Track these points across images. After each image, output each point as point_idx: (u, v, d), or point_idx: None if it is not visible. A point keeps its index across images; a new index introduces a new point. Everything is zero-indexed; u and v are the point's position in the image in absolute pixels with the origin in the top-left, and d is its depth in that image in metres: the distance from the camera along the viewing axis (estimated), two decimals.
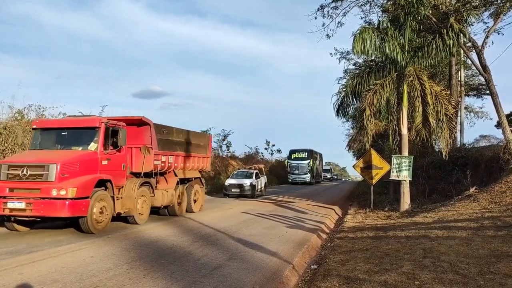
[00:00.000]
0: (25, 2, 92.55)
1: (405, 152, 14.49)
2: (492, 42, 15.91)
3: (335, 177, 74.39)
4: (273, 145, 49.52)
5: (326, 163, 65.32)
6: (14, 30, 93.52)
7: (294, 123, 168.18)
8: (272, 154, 48.95)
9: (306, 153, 41.67)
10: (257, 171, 24.79)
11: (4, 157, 13.45)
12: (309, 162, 40.97)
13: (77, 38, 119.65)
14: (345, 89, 16.08)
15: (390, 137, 22.86)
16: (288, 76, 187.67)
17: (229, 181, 23.21)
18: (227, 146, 35.47)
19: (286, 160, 43.22)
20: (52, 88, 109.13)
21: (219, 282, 5.90)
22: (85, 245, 8.46)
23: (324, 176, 57.78)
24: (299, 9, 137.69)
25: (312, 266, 7.42)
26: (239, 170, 26.57)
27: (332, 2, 17.15)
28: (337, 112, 16.37)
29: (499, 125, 16.66)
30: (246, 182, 22.65)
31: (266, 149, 48.47)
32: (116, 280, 5.89)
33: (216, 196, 23.07)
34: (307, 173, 40.67)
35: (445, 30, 13.35)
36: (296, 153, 42.02)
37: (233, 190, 22.40)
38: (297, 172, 40.91)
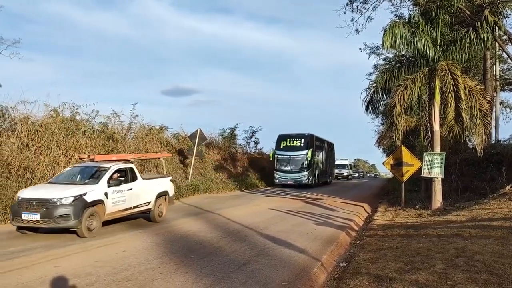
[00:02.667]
0: (57, 3, 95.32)
1: (437, 148, 14.16)
2: None
3: (360, 174, 65.38)
4: None
5: (353, 161, 57.22)
6: (47, 30, 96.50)
7: (320, 119, 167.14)
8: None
9: (302, 140, 29.10)
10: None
11: (40, 153, 13.92)
12: (307, 154, 28.50)
13: (106, 37, 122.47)
14: (375, 84, 15.81)
15: (422, 134, 22.37)
16: (313, 72, 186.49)
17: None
18: (255, 143, 35.46)
19: (272, 151, 30.64)
20: (82, 86, 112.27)
21: (247, 278, 5.94)
22: (117, 239, 8.69)
23: (338, 173, 47.72)
24: (324, 4, 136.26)
25: (341, 264, 7.37)
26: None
27: None
28: (367, 108, 16.12)
29: None
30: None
31: None
32: (147, 274, 6.02)
33: (247, 192, 23.21)
34: (303, 170, 28.41)
35: (479, 23, 12.92)
36: (288, 140, 29.34)
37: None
38: (288, 168, 28.70)
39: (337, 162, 47.08)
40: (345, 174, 50.06)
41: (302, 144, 29.01)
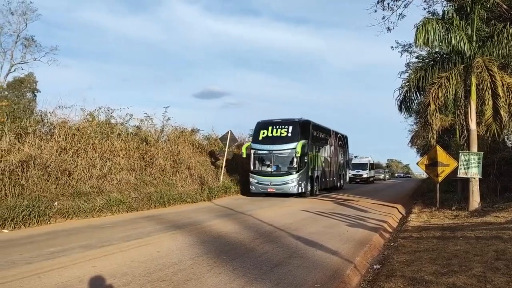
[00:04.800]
0: (91, 10, 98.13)
1: (474, 148, 13.73)
2: None
3: (385, 174, 56.47)
4: None
5: (375, 160, 47.84)
6: (81, 37, 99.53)
7: (350, 119, 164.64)
8: None
9: (290, 128, 20.80)
10: None
11: (77, 156, 14.37)
12: (296, 148, 20.07)
13: (136, 42, 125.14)
14: (407, 83, 15.49)
15: (457, 133, 21.74)
16: (342, 72, 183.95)
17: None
18: None
19: (247, 144, 22.20)
20: (116, 90, 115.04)
21: (280, 280, 5.94)
22: (152, 240, 8.87)
23: (356, 175, 40.06)
24: (353, 4, 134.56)
25: (374, 266, 7.26)
26: None
27: None
28: (400, 107, 15.81)
29: None
30: None
31: None
32: (181, 274, 6.12)
33: None
34: (291, 172, 20.21)
35: None
36: (270, 129, 21.09)
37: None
38: (268, 170, 20.66)
39: (354, 161, 40.91)
40: (364, 176, 40.45)
41: (290, 134, 20.55)
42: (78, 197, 12.95)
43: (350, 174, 36.70)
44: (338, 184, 28.88)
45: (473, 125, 13.68)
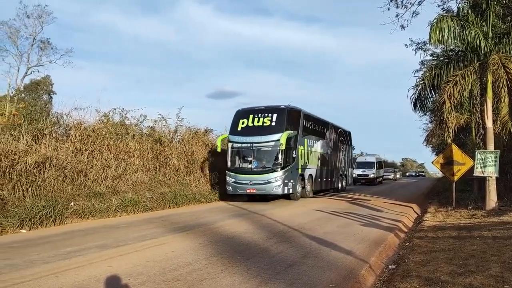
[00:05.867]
0: (106, 12, 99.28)
1: (490, 146, 13.53)
2: None
3: (395, 174, 50.36)
4: None
5: (400, 162, 46.08)
6: (96, 38, 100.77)
7: (364, 118, 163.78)
8: None
9: (275, 117, 17.73)
10: None
11: (93, 157, 14.55)
12: (280, 140, 16.87)
13: (150, 43, 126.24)
14: (422, 81, 15.32)
15: (473, 131, 21.46)
16: (355, 71, 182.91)
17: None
18: None
19: (223, 136, 19.46)
20: (129, 92, 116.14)
21: (294, 280, 5.93)
22: (166, 240, 8.93)
23: (361, 175, 36.82)
24: (365, 3, 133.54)
25: (389, 266, 7.20)
26: None
27: None
28: (414, 106, 15.65)
29: None
30: None
31: None
32: (195, 274, 6.15)
33: None
34: (274, 169, 17.05)
35: None
36: (251, 118, 18.05)
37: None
38: (248, 167, 17.58)
39: (359, 159, 39.05)
40: (371, 176, 36.91)
41: (274, 123, 17.32)
42: (93, 198, 13.12)
43: (354, 175, 34.11)
44: (339, 185, 25.94)
45: (489, 123, 13.48)
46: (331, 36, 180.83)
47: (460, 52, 15.01)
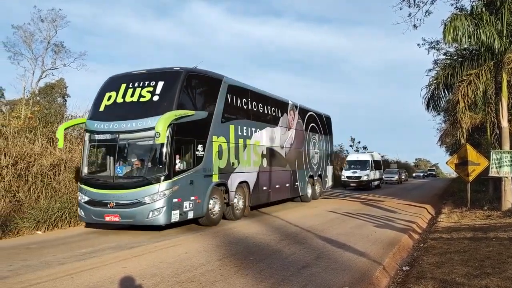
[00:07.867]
0: (118, 15, 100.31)
1: (506, 146, 13.35)
2: None
3: (398, 176, 39.65)
4: (359, 142, 48.04)
5: (413, 162, 42.73)
6: (108, 41, 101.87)
7: (376, 118, 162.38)
8: (357, 151, 47.89)
9: (161, 86, 10.06)
10: None
11: None
12: (155, 129, 9.12)
13: (162, 45, 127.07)
14: (435, 81, 15.17)
15: (488, 131, 21.18)
16: (366, 71, 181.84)
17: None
18: None
19: (73, 122, 12.62)
20: None
21: (307, 281, 5.92)
22: (179, 241, 8.98)
23: (350, 177, 28.63)
24: (376, 3, 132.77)
25: (403, 268, 7.15)
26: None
27: None
28: (427, 105, 15.51)
29: None
30: None
31: (351, 146, 47.36)
32: (208, 275, 6.17)
33: None
34: (152, 181, 9.37)
35: None
36: (122, 89, 10.44)
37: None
38: (108, 175, 10.46)
39: (350, 158, 31.47)
40: (363, 178, 28.44)
41: (157, 98, 10.05)
42: None
43: (343, 177, 29.19)
44: (308, 191, 18.21)
45: (504, 123, 13.30)
46: (343, 36, 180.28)
47: (474, 51, 14.83)
